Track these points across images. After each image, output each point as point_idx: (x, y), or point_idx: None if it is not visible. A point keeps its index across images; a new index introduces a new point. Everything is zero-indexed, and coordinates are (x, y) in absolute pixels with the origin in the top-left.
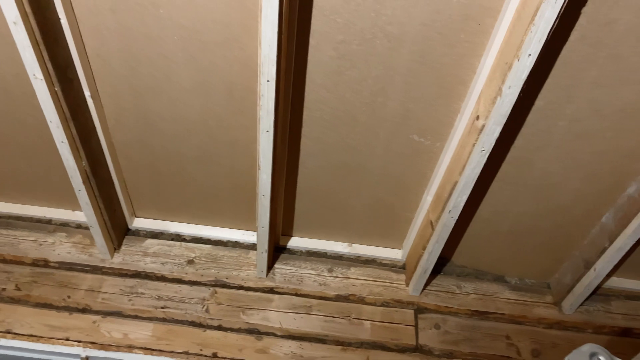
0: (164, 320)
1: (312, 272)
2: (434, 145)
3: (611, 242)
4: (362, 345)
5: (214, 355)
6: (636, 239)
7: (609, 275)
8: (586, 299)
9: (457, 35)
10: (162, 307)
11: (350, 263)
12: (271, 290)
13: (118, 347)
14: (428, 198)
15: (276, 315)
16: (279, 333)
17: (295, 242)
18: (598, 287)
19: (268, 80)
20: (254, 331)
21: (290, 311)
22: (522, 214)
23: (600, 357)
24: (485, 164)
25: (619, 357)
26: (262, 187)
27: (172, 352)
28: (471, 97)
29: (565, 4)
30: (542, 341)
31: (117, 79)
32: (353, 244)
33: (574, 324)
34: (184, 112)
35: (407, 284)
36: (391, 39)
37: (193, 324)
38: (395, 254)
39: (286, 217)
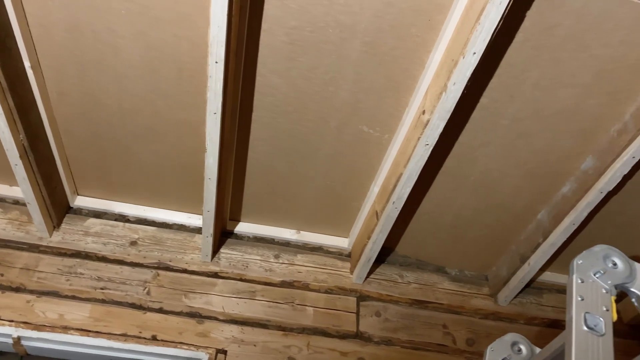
0: (103, 301)
1: (258, 257)
2: (383, 137)
3: (545, 238)
4: (303, 330)
5: (154, 337)
6: (568, 235)
7: (542, 270)
8: (520, 292)
9: (408, 29)
10: (102, 288)
11: (297, 250)
12: (215, 275)
13: (52, 328)
14: (375, 189)
15: (219, 299)
16: (221, 317)
17: (243, 227)
18: (532, 280)
19: (216, 62)
20: (196, 315)
21: (234, 296)
22: (464, 207)
23: (521, 346)
24: (430, 158)
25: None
26: (209, 170)
27: (110, 333)
28: (419, 92)
29: (509, 6)
30: (477, 331)
31: (60, 50)
32: (301, 231)
33: (507, 315)
34: (130, 89)
35: (352, 272)
36: (343, 28)
37: (133, 306)
38: (342, 242)
39: (234, 202)
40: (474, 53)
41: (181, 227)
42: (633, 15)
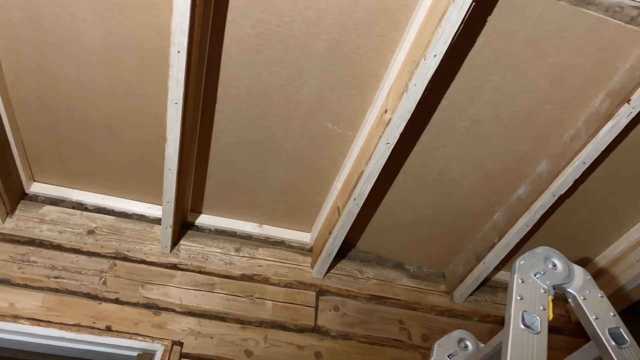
0: (56, 290)
1: (219, 250)
2: (347, 134)
3: (500, 238)
4: (262, 324)
5: (108, 328)
6: (521, 236)
7: (497, 269)
8: (475, 290)
9: (373, 29)
10: (56, 277)
11: (259, 244)
12: (174, 266)
13: (2, 317)
14: (338, 185)
15: (177, 291)
16: (178, 309)
17: (204, 219)
18: (487, 279)
19: (179, 51)
20: (153, 306)
21: (192, 288)
22: (424, 206)
23: (467, 342)
24: (392, 157)
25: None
26: (169, 160)
27: (62, 323)
28: (382, 91)
29: (470, 10)
30: (432, 327)
31: (18, 31)
32: (264, 225)
33: (462, 312)
34: (91, 75)
35: (312, 267)
36: (309, 24)
37: (88, 295)
38: (304, 237)
39: (196, 194)
40: (435, 55)
41: (141, 217)
42: (587, 25)
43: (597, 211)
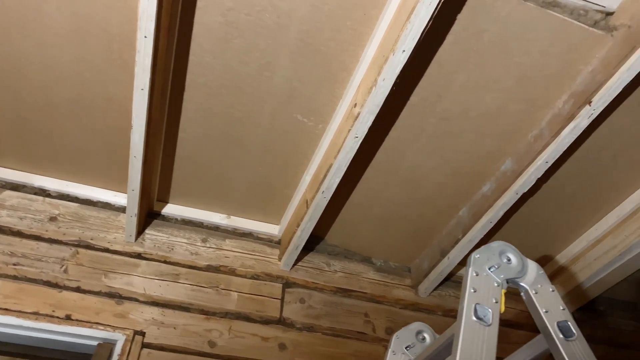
0: (14, 277)
1: (185, 240)
2: (317, 127)
3: (464, 234)
4: (226, 315)
5: (68, 317)
6: (485, 232)
7: (462, 264)
8: (440, 284)
9: (344, 22)
10: (14, 264)
11: (227, 235)
12: (139, 256)
13: None
14: (307, 178)
15: (141, 280)
16: (141, 299)
17: (171, 209)
18: (451, 274)
19: (145, 36)
20: (115, 295)
21: (157, 278)
22: (391, 201)
23: (425, 334)
24: (361, 151)
25: None
26: (134, 148)
27: (20, 311)
28: (353, 85)
29: (439, 7)
30: (397, 320)
31: None
32: (232, 216)
33: (426, 307)
34: (56, 58)
35: (280, 259)
36: (281, 14)
37: (48, 284)
38: (273, 229)
39: (162, 183)
40: (404, 51)
41: (106, 205)
42: (552, 27)
43: (558, 210)
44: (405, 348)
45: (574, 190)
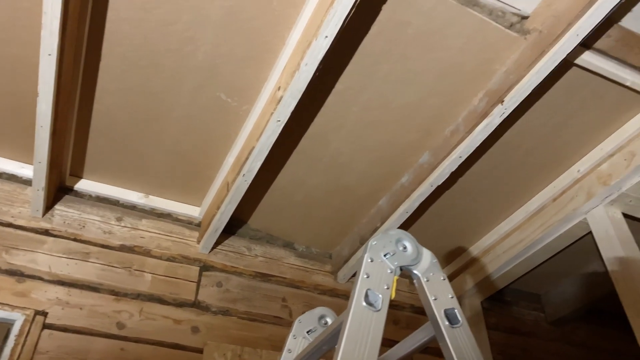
0: None
1: (98, 218)
2: (241, 107)
3: (382, 222)
4: (138, 296)
5: None
6: (401, 222)
7: None
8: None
9: (270, 2)
10: None
11: (143, 214)
12: (46, 232)
13: None
14: (230, 159)
15: (46, 258)
16: (46, 277)
17: (85, 184)
18: None
19: None
20: (17, 273)
21: (64, 256)
22: (315, 187)
23: (327, 319)
24: (286, 136)
25: None
26: (41, 117)
27: None
28: (278, 67)
29: None
30: (314, 305)
31: None
32: (150, 196)
33: (344, 292)
34: None
35: (199, 242)
36: None
37: None
38: (193, 211)
39: (76, 156)
40: (326, 36)
41: (11, 177)
42: (472, 26)
43: (473, 204)
44: (307, 332)
45: (487, 186)
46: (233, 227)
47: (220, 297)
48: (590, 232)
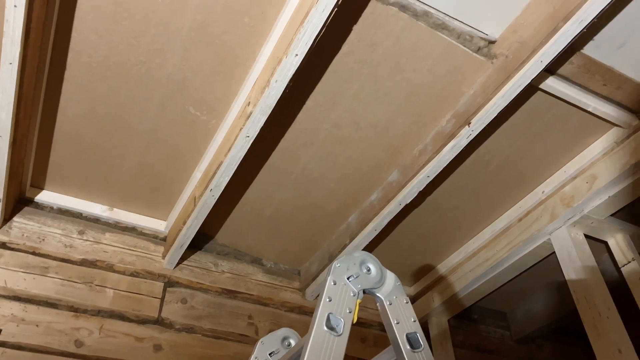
0: None
1: (59, 231)
2: (210, 121)
3: (351, 239)
4: (99, 313)
5: None
6: (370, 239)
7: None
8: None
9: (241, 17)
10: None
11: (107, 228)
12: (2, 245)
13: None
14: (198, 174)
15: (2, 272)
16: (1, 292)
17: (46, 196)
18: None
19: (15, 5)
20: None
21: (21, 270)
22: (284, 202)
23: (291, 340)
24: (255, 151)
25: None
26: (1, 126)
27: None
28: (248, 82)
29: (333, 15)
30: (281, 323)
31: None
32: (115, 209)
33: (312, 310)
34: None
35: (164, 257)
36: (174, 0)
37: None
38: (159, 225)
39: (37, 167)
40: (297, 55)
41: None
42: (440, 48)
43: (441, 222)
44: (269, 354)
45: (455, 204)
46: (200, 242)
47: (185, 314)
48: (554, 252)
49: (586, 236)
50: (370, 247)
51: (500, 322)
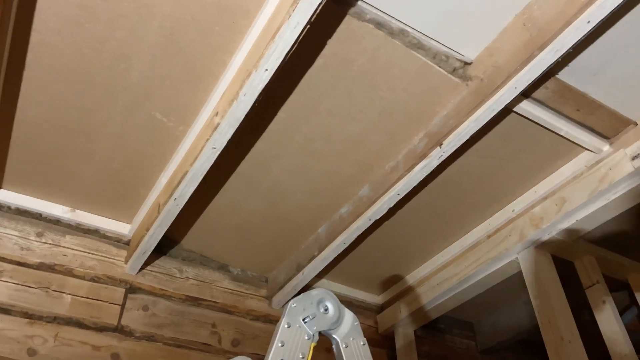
0: None
1: (16, 233)
2: (177, 128)
3: (320, 251)
4: (55, 320)
5: None
6: (338, 252)
7: (319, 277)
8: (293, 298)
9: (212, 26)
10: None
11: (68, 230)
12: None
13: None
14: (163, 180)
15: None
16: None
17: (3, 195)
18: (307, 286)
19: None
20: None
21: None
22: (253, 212)
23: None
24: (225, 159)
25: None
26: None
27: None
28: (218, 91)
29: (305, 31)
30: (245, 332)
31: None
32: (77, 210)
33: (278, 318)
34: None
35: (126, 262)
36: (141, 5)
37: None
38: (123, 228)
39: None
40: (267, 70)
41: None
42: (415, 68)
43: (411, 235)
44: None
45: (425, 218)
46: (165, 247)
47: (146, 322)
48: (521, 271)
49: (553, 256)
50: (339, 258)
51: (466, 332)
